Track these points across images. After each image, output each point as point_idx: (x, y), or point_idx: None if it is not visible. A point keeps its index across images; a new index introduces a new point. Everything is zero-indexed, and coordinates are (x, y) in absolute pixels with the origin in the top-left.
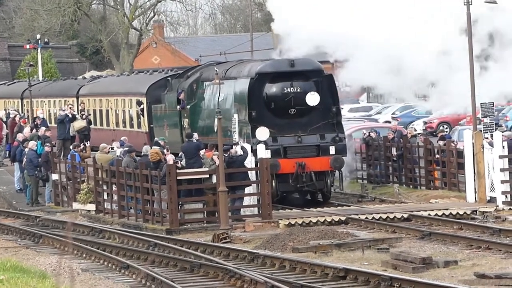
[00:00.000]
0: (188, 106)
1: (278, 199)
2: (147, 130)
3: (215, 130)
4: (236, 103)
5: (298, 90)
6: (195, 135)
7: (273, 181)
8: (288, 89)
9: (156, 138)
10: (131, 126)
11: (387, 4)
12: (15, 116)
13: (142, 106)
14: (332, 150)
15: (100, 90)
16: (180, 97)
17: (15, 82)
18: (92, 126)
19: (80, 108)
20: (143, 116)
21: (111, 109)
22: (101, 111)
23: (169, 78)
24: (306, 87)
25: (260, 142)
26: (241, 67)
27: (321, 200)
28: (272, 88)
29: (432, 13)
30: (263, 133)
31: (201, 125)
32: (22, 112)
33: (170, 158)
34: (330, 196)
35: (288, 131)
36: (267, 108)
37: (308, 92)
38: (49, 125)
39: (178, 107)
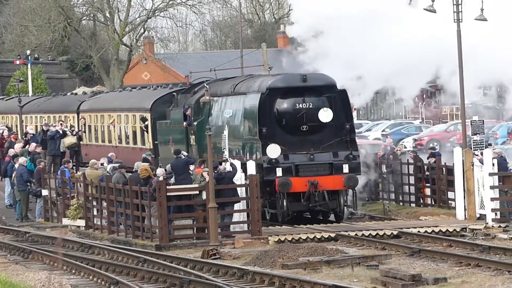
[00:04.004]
0: (195, 123)
1: (289, 219)
2: (152, 147)
3: (223, 147)
4: (246, 119)
5: (311, 106)
6: (184, 152)
7: (284, 200)
8: (300, 105)
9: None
10: (135, 142)
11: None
12: (3, 132)
13: (146, 123)
14: (345, 168)
15: (102, 106)
16: (186, 113)
17: (13, 97)
18: (93, 142)
19: (80, 123)
20: (147, 133)
21: (114, 126)
22: (102, 127)
23: (174, 93)
24: (319, 103)
25: (271, 159)
26: (250, 82)
27: (334, 220)
28: (283, 104)
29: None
30: (274, 150)
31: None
32: (19, 128)
33: (160, 172)
34: (343, 216)
35: (300, 148)
36: (278, 125)
37: (321, 108)
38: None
39: (184, 123)
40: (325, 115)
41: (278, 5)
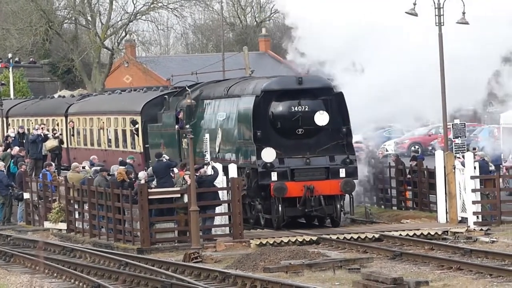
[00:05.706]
0: (187, 126)
1: (284, 225)
2: (142, 151)
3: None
4: (240, 122)
5: (306, 109)
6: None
7: (280, 205)
8: (296, 108)
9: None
10: (125, 146)
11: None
12: None
13: (137, 126)
14: (342, 172)
15: (91, 109)
16: (179, 116)
17: None
18: (82, 146)
19: (69, 127)
20: (138, 136)
21: (103, 129)
22: (91, 130)
23: (166, 96)
24: (315, 106)
25: (266, 163)
26: (245, 84)
27: (330, 226)
28: (278, 107)
29: None
30: (269, 154)
31: (200, 146)
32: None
33: (142, 175)
34: (340, 222)
35: (295, 152)
36: (273, 128)
37: (317, 111)
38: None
39: (176, 126)
40: (321, 118)
41: (260, 8)
